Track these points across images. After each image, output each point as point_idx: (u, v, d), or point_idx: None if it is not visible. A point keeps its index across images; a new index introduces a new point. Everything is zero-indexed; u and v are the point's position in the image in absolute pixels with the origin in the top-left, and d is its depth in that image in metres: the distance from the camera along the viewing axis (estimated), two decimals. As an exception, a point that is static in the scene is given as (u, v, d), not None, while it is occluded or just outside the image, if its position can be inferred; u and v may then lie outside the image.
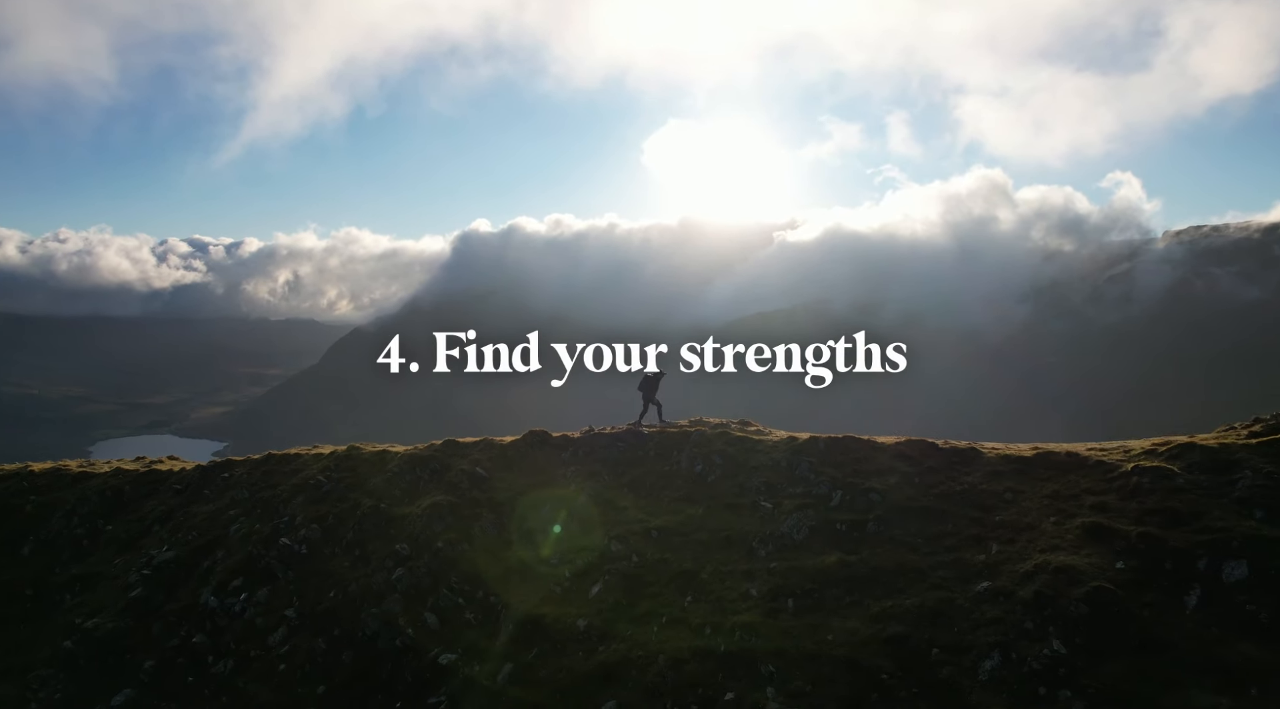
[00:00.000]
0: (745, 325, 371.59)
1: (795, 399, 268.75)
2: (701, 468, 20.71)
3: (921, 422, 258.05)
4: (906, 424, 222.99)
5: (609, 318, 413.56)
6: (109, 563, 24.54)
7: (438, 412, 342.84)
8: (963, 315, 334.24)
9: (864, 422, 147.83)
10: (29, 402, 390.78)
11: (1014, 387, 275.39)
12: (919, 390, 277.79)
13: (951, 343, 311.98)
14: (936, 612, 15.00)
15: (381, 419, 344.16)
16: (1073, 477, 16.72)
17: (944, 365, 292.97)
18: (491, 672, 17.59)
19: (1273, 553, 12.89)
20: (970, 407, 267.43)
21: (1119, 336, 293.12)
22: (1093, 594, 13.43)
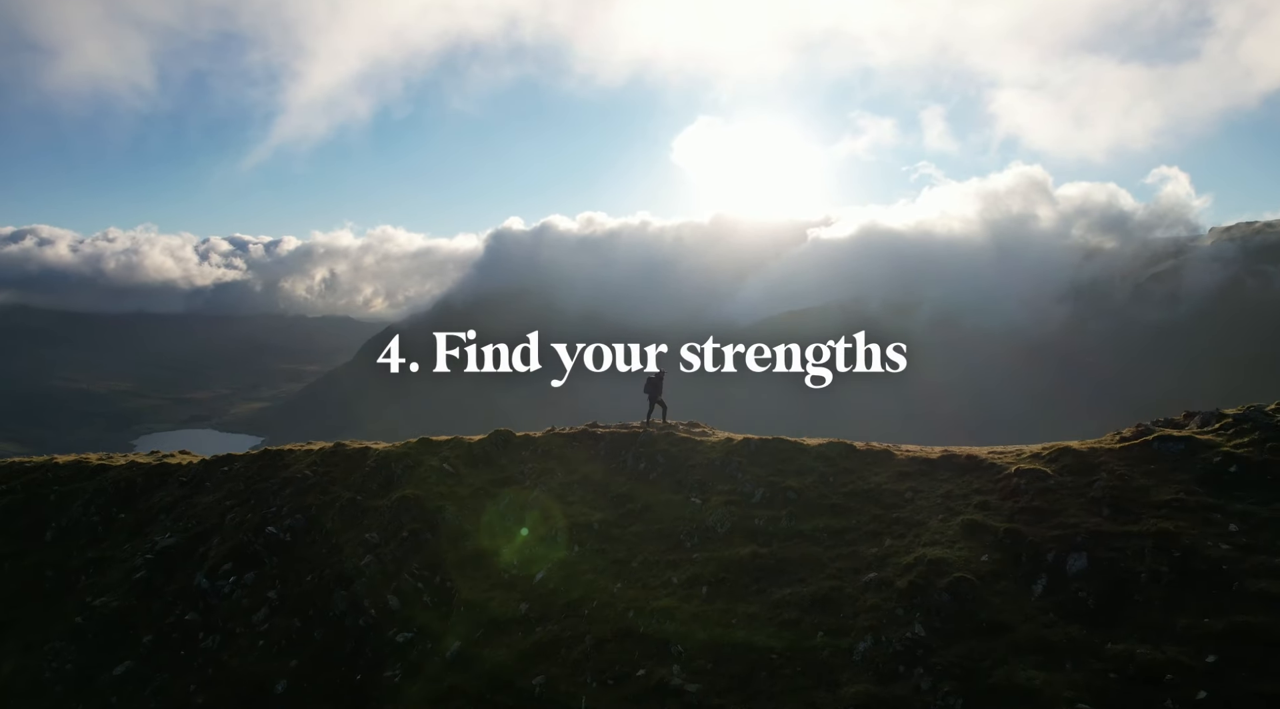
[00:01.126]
0: (776, 324, 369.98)
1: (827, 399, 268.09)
2: (645, 466, 22.38)
3: (953, 423, 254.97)
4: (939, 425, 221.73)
5: (641, 316, 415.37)
6: (120, 547, 26.98)
7: (472, 408, 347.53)
8: (1000, 315, 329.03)
9: (894, 422, 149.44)
10: (78, 396, 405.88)
11: (1051, 387, 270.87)
12: (953, 391, 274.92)
13: (988, 343, 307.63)
14: (827, 599, 16.54)
15: (414, 415, 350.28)
16: (968, 477, 18.08)
17: (980, 366, 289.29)
18: (442, 649, 19.50)
19: (1108, 546, 14.20)
20: (1005, 408, 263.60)
21: (1163, 336, 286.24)
22: (954, 584, 14.86)
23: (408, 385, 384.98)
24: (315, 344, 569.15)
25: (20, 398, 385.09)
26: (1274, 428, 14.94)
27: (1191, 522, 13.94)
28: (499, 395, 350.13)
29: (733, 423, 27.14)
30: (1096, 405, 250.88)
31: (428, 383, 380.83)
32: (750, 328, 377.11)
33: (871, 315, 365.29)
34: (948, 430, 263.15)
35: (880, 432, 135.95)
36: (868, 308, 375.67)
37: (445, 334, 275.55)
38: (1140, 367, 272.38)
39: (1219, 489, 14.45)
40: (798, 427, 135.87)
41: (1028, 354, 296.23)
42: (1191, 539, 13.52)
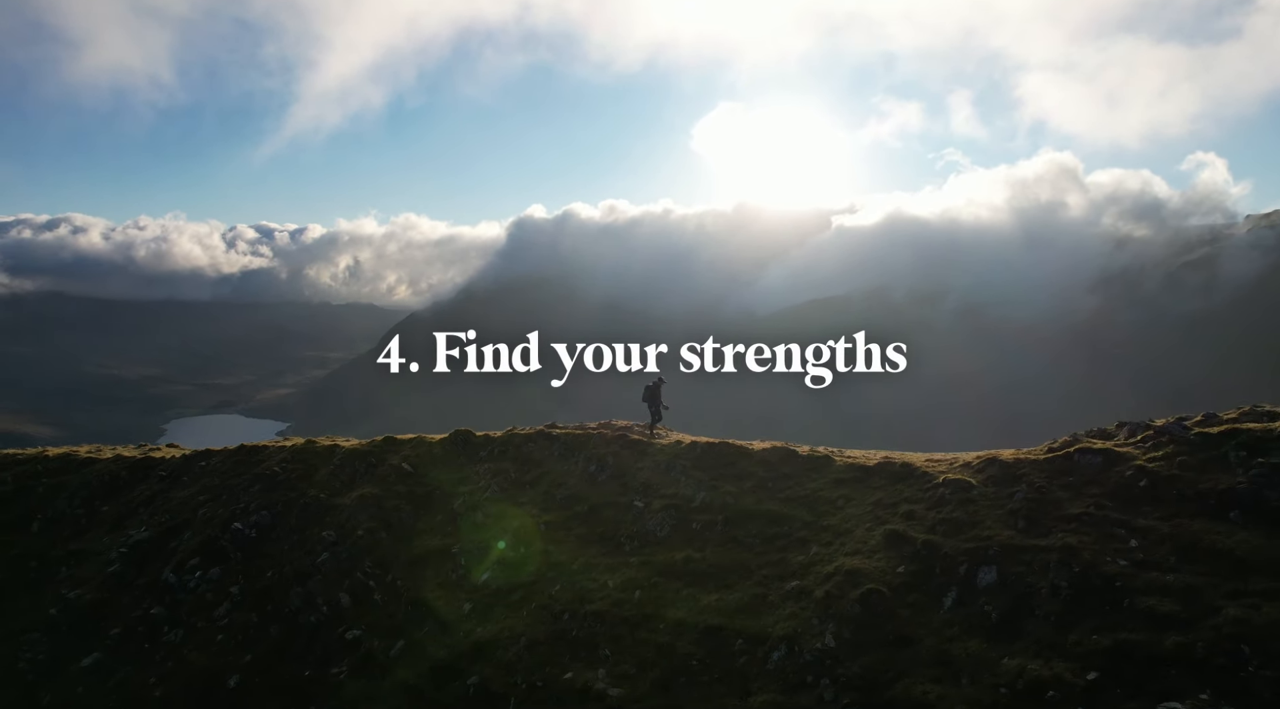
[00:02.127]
0: (798, 313, 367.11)
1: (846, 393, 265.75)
2: (595, 468, 22.63)
3: (977, 416, 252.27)
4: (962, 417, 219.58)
5: (662, 304, 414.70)
6: (99, 540, 27.80)
7: (495, 396, 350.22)
8: (1028, 305, 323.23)
9: (911, 416, 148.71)
10: (111, 382, 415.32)
11: (1080, 379, 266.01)
12: (978, 383, 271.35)
13: (1015, 334, 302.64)
14: (751, 606, 16.74)
15: (436, 403, 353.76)
16: (900, 486, 18.12)
17: (1006, 357, 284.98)
18: (386, 647, 20.00)
19: (1017, 560, 14.22)
20: (1032, 401, 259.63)
21: (1196, 326, 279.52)
22: (866, 595, 14.97)
23: (431, 373, 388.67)
24: (340, 331, 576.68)
25: (56, 383, 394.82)
26: (1189, 442, 14.80)
27: (1095, 536, 13.90)
28: (523, 385, 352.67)
29: (745, 420, 26.95)
30: (1126, 398, 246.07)
31: (451, 370, 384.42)
32: (770, 316, 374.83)
33: (896, 305, 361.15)
34: (970, 425, 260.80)
35: (898, 425, 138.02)
36: (892, 297, 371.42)
37: (445, 334, 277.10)
38: (1172, 357, 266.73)
39: (1127, 503, 14.38)
40: (812, 421, 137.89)
41: (1056, 345, 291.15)
42: (1092, 554, 13.51)
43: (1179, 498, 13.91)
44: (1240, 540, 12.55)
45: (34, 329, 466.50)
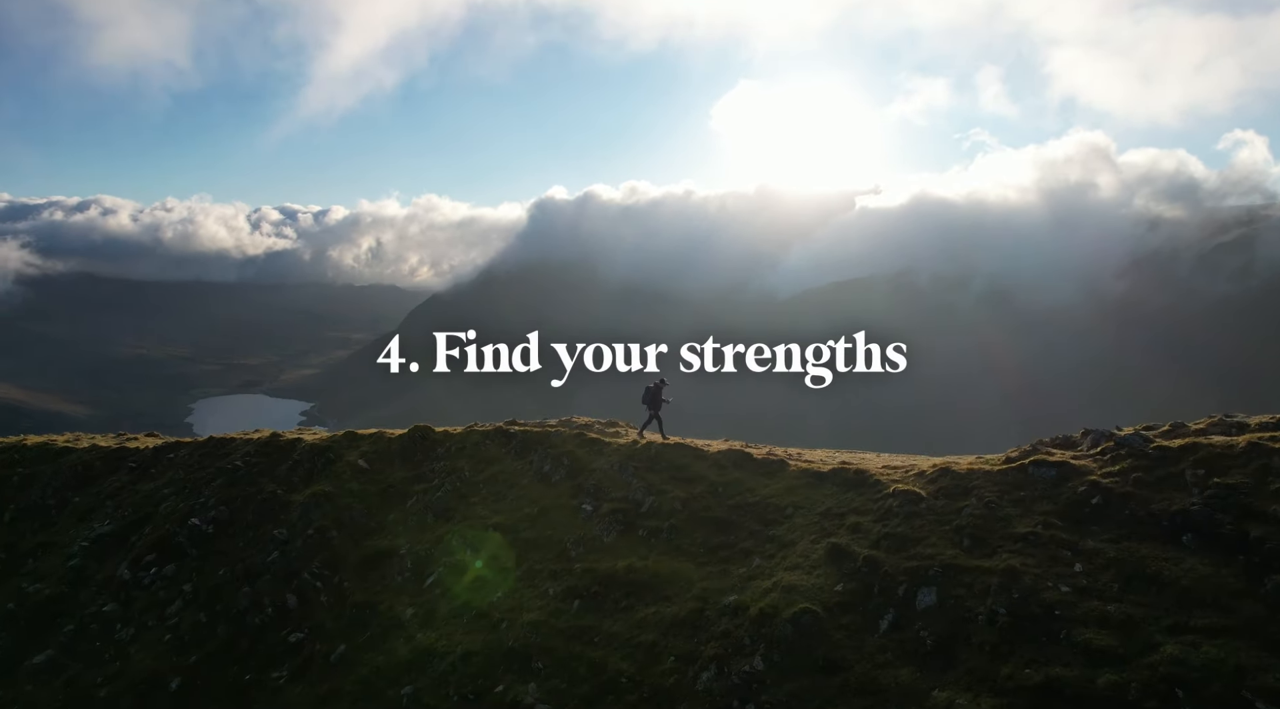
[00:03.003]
0: (820, 296, 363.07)
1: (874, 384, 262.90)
2: (549, 468, 21.91)
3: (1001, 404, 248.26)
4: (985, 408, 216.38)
5: (682, 286, 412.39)
6: (66, 532, 27.65)
7: (515, 376, 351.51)
8: (1054, 290, 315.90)
9: (940, 406, 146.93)
10: (140, 362, 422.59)
11: (1105, 366, 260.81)
12: (1001, 371, 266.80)
13: (1040, 320, 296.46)
14: (687, 621, 15.96)
15: (456, 384, 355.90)
16: (851, 495, 17.19)
17: (1031, 344, 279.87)
18: (328, 651, 19.51)
19: (958, 582, 13.30)
20: (1055, 386, 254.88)
21: (1229, 310, 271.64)
22: (799, 616, 14.12)
23: (452, 353, 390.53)
24: (362, 312, 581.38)
25: (87, 363, 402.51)
26: (1146, 456, 13.71)
27: (1040, 559, 12.94)
28: (547, 364, 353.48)
29: (768, 418, 25.64)
30: (1153, 385, 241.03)
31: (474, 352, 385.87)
32: (791, 299, 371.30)
33: (920, 289, 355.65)
34: (993, 413, 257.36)
35: (919, 414, 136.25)
36: (916, 281, 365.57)
37: (445, 334, 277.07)
38: (1205, 342, 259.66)
39: (1077, 523, 13.37)
40: (831, 410, 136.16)
41: (1083, 330, 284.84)
42: (1034, 579, 12.55)
43: (1131, 519, 12.89)
44: (1188, 569, 11.54)
45: (66, 310, 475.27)
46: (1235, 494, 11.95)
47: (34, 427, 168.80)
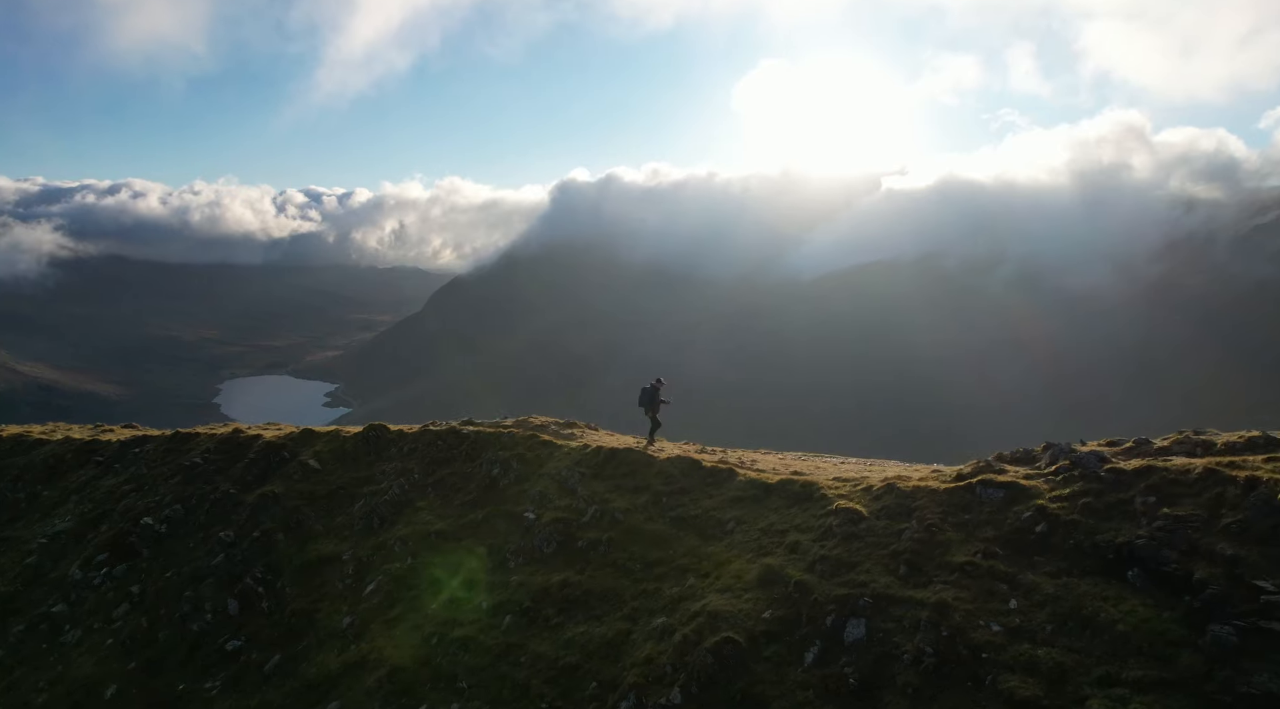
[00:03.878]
0: (845, 279, 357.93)
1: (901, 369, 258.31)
2: (498, 472, 21.05)
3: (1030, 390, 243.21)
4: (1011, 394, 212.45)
5: (705, 269, 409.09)
6: (30, 527, 27.38)
7: (539, 359, 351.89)
8: (1084, 274, 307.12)
9: (964, 395, 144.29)
10: (169, 343, 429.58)
11: (1137, 351, 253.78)
12: (1029, 358, 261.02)
13: (1070, 303, 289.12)
14: (613, 643, 15.05)
15: (480, 365, 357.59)
16: (795, 510, 16.12)
17: (1059, 330, 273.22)
18: (263, 661, 18.92)
19: (889, 615, 12.25)
20: (1084, 372, 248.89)
21: (1267, 293, 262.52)
22: (720, 645, 13.15)
23: (476, 336, 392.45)
24: (386, 295, 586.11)
25: (119, 344, 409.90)
26: (1099, 479, 12.47)
27: (974, 592, 11.83)
28: (575, 336, 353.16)
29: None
30: (1188, 371, 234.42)
31: (496, 333, 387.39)
32: (816, 281, 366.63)
33: (946, 272, 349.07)
34: (1020, 401, 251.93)
35: (945, 403, 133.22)
36: (943, 264, 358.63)
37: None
38: (1241, 327, 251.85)
39: (1019, 552, 12.21)
40: (855, 396, 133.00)
41: (1114, 315, 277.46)
42: (965, 615, 11.47)
43: (1075, 550, 11.71)
44: (1127, 611, 10.38)
45: (98, 291, 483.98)
46: (1183, 527, 10.72)
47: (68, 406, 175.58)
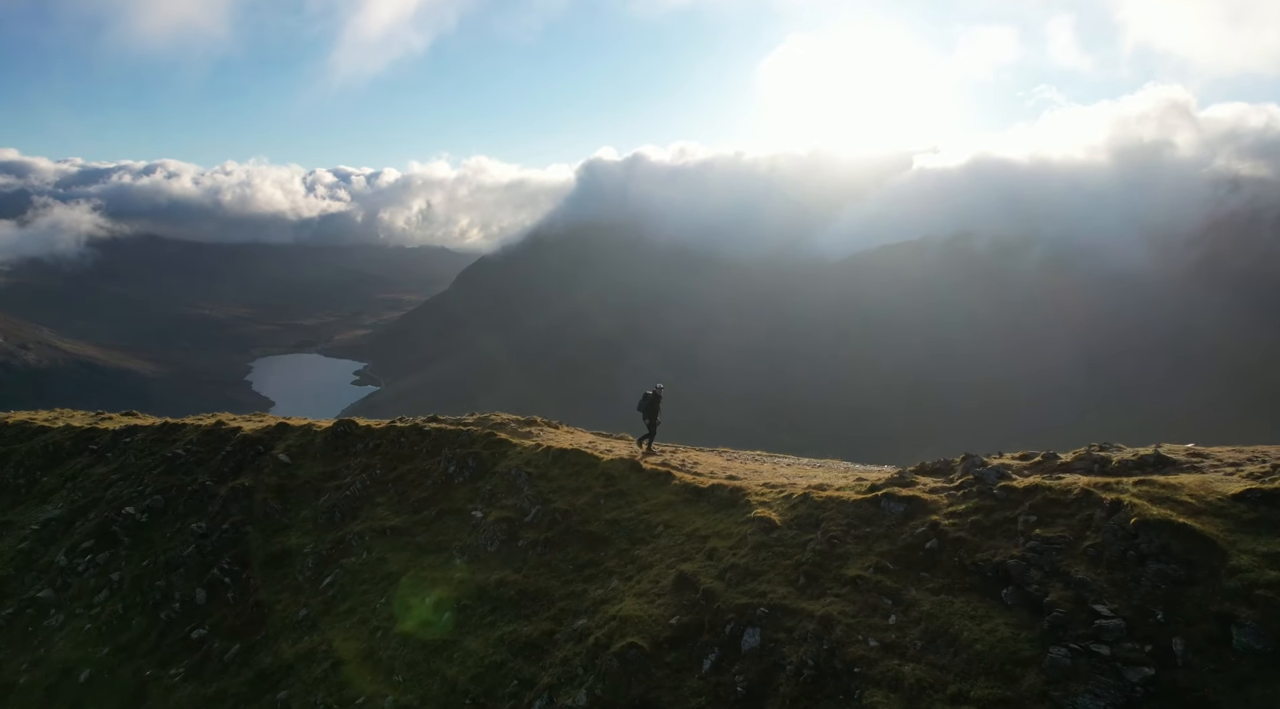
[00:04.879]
0: (871, 259, 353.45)
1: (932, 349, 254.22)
2: (454, 469, 21.61)
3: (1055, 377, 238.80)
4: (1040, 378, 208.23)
5: (730, 249, 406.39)
6: (28, 513, 28.61)
7: (568, 336, 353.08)
8: (1119, 258, 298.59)
9: (998, 378, 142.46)
10: (203, 322, 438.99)
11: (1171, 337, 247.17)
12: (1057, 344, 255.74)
13: (1103, 286, 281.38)
14: (537, 644, 15.58)
15: (508, 343, 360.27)
16: (720, 515, 16.44)
17: (1091, 316, 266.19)
18: (224, 649, 19.80)
19: (782, 625, 12.56)
20: (1120, 359, 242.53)
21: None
22: (625, 650, 13.58)
23: (502, 316, 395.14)
24: (413, 274, 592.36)
25: (154, 322, 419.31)
26: (992, 496, 12.61)
27: (860, 606, 12.11)
28: (601, 316, 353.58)
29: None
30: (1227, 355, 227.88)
31: (521, 312, 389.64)
32: (843, 261, 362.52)
33: (975, 254, 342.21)
34: (1050, 389, 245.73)
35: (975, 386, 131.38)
36: (972, 245, 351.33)
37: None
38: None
39: (909, 567, 12.42)
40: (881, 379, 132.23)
41: (1151, 300, 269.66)
42: (846, 629, 11.77)
43: (959, 567, 11.92)
44: (989, 630, 10.60)
45: (134, 271, 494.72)
46: (1050, 549, 10.88)
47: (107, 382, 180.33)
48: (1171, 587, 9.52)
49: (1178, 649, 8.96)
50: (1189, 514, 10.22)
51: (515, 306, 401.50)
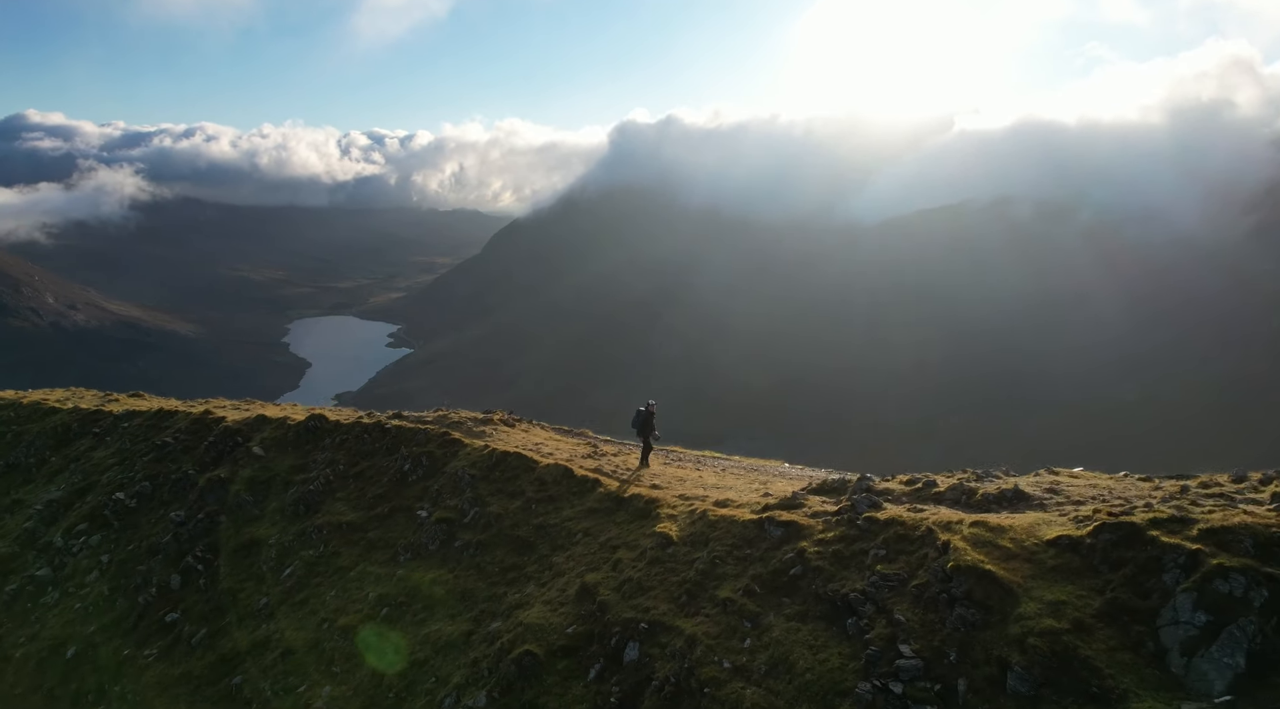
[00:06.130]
0: (907, 223, 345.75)
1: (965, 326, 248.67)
2: (409, 467, 22.77)
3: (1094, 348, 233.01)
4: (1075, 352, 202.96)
5: (763, 213, 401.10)
6: (36, 492, 30.55)
7: (594, 300, 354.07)
8: (1170, 224, 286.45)
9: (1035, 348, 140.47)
10: (241, 283, 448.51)
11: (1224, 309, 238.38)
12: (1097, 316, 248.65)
13: (1150, 254, 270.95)
14: (456, 643, 16.76)
15: (536, 308, 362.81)
16: (633, 526, 17.28)
17: (1136, 286, 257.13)
18: (192, 634, 21.34)
19: (657, 641, 13.45)
20: (1165, 333, 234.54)
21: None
22: (522, 656, 14.66)
23: (533, 279, 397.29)
24: (446, 237, 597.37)
25: (194, 284, 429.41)
26: (857, 526, 13.27)
27: (723, 628, 12.94)
28: (634, 281, 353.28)
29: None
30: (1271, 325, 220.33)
31: (553, 276, 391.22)
32: (878, 226, 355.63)
33: (1016, 219, 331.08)
34: (1086, 360, 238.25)
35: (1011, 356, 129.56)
36: (1013, 210, 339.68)
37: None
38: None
39: (773, 592, 13.15)
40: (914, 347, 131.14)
41: (1202, 270, 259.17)
42: (706, 650, 12.62)
43: (814, 595, 12.65)
44: (823, 659, 11.30)
45: (174, 233, 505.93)
46: (886, 585, 11.59)
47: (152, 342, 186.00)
48: (968, 630, 10.21)
49: (961, 689, 9.71)
50: (1002, 559, 10.85)
51: (546, 270, 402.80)
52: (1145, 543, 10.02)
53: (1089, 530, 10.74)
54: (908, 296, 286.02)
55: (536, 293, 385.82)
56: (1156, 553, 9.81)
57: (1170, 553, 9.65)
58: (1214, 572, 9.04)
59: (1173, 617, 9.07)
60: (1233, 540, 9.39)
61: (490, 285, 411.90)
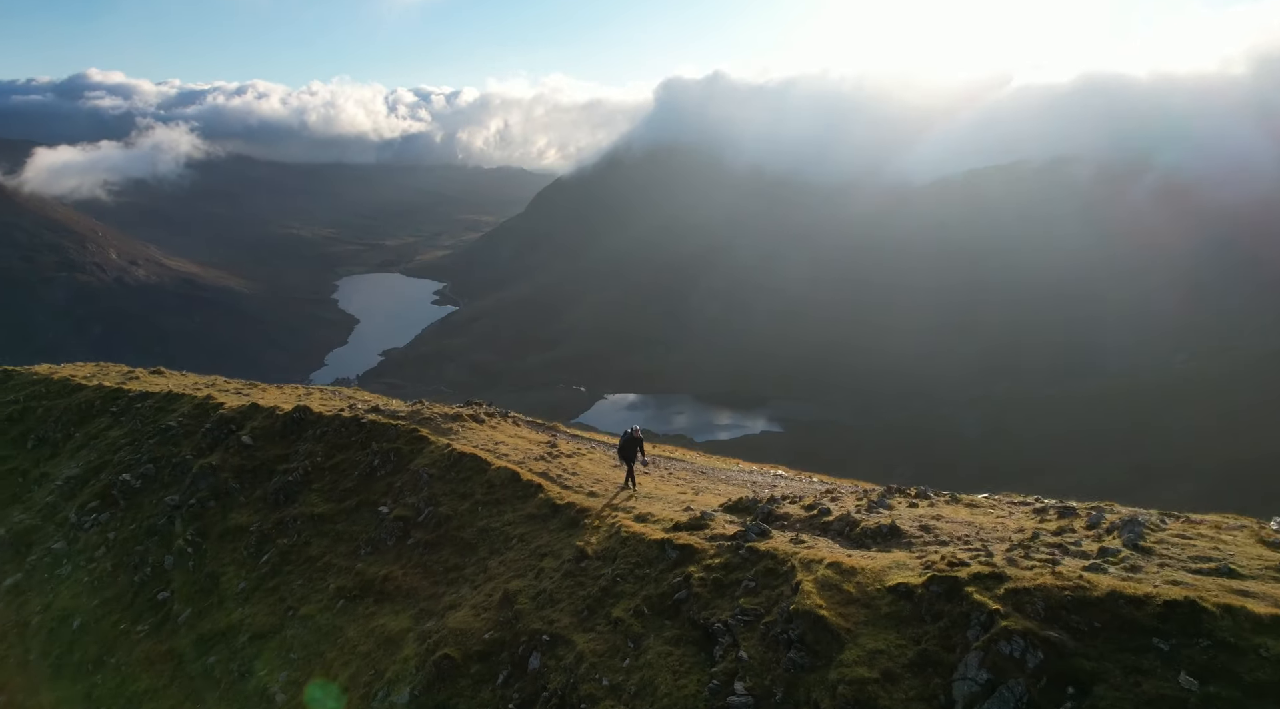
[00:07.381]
0: (959, 183, 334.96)
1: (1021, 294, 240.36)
2: (378, 463, 24.10)
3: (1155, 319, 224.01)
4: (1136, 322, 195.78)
5: (808, 172, 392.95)
6: (60, 466, 32.90)
7: (636, 260, 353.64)
8: (1247, 184, 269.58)
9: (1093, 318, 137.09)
10: (291, 240, 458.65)
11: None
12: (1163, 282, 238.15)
13: (1220, 217, 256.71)
14: (394, 640, 18.13)
15: (578, 268, 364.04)
16: (563, 534, 18.24)
17: (1208, 249, 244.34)
18: (179, 612, 23.20)
19: (555, 653, 14.49)
20: (1226, 302, 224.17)
21: None
22: (441, 659, 15.93)
23: (576, 238, 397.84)
24: (491, 195, 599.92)
25: (246, 241, 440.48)
26: (739, 554, 13.97)
27: (609, 646, 13.87)
28: (677, 242, 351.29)
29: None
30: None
31: (596, 235, 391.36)
32: (928, 186, 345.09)
33: (1075, 180, 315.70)
34: (1147, 332, 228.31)
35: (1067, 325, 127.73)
36: (1072, 170, 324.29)
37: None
38: None
39: (659, 614, 13.89)
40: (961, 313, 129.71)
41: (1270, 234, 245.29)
42: (590, 666, 13.59)
43: (690, 621, 13.48)
44: (681, 685, 12.20)
45: (226, 191, 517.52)
46: (744, 619, 12.39)
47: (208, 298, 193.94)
48: (796, 672, 11.02)
49: (779, 730, 10.55)
50: (841, 604, 11.56)
51: (590, 229, 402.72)
52: (961, 598, 10.63)
53: (924, 579, 11.35)
54: (954, 262, 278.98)
55: (579, 253, 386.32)
56: (967, 609, 10.42)
57: (976, 610, 10.26)
58: (1000, 633, 9.65)
59: (964, 672, 9.73)
60: (1028, 602, 9.95)
61: (533, 244, 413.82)
